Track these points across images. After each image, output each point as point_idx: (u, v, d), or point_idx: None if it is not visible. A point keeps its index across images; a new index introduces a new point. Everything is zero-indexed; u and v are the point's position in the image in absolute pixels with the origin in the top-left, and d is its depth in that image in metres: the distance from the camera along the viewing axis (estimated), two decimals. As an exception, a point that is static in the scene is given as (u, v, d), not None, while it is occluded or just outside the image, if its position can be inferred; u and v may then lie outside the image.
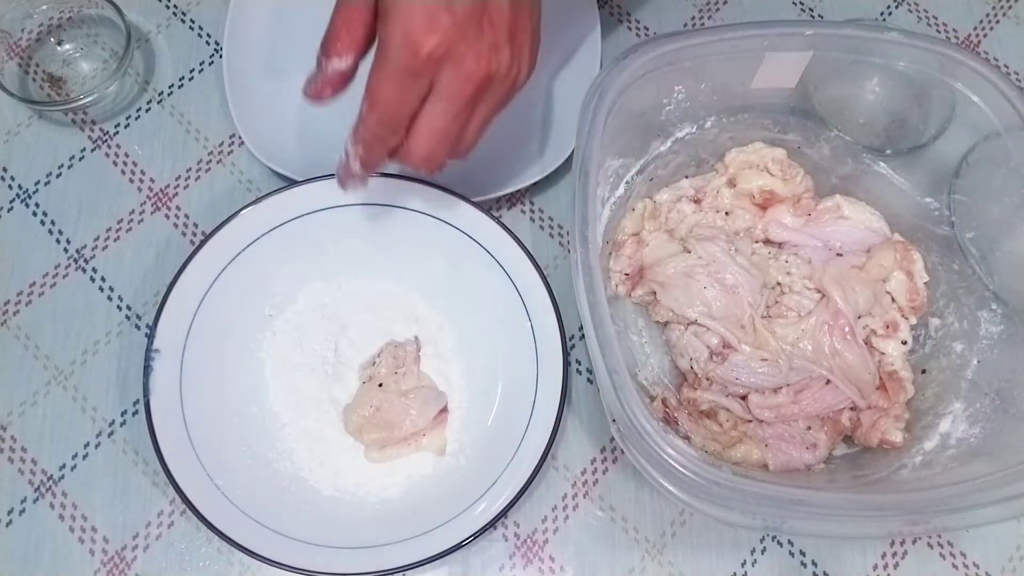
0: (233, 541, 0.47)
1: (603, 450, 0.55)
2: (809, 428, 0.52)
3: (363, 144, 0.46)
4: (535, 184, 0.58)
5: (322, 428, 0.53)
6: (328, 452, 0.52)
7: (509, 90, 0.46)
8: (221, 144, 0.61)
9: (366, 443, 0.52)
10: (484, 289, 0.54)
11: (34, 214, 0.58)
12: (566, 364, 0.50)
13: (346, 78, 0.45)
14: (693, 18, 0.67)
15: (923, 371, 0.54)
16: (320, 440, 0.53)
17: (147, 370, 0.50)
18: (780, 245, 0.56)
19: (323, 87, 0.45)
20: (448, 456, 0.53)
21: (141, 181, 0.60)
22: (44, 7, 0.61)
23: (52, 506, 0.52)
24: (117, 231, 0.58)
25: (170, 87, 0.62)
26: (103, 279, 0.57)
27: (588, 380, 0.56)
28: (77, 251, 0.58)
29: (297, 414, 0.53)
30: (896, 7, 0.68)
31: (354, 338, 0.55)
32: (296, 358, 0.54)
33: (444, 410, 0.53)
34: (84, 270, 0.57)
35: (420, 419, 0.52)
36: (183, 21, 0.64)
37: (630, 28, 0.66)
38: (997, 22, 0.68)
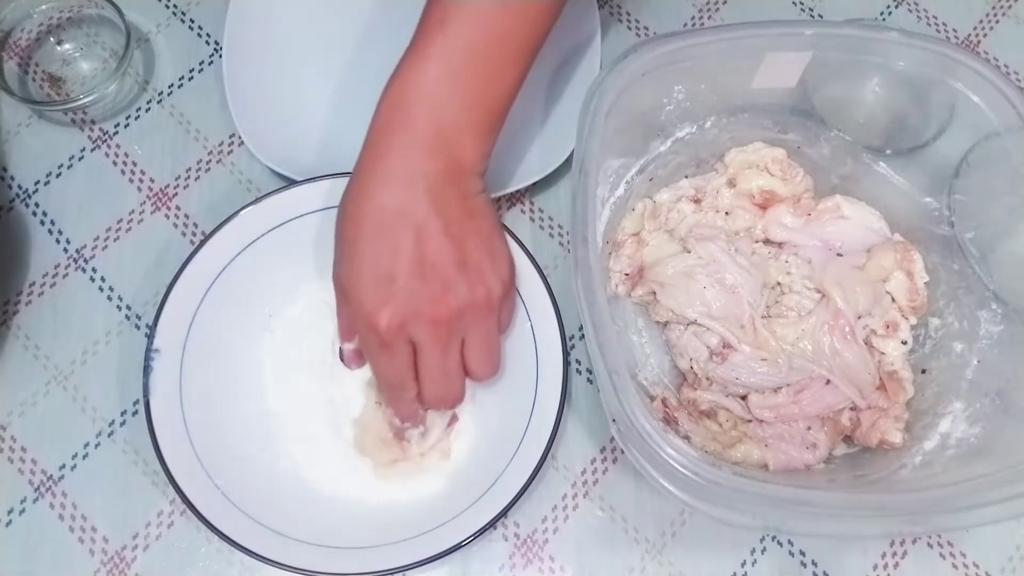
0: (233, 541, 0.47)
1: (603, 450, 0.55)
2: (809, 428, 0.52)
3: (389, 406, 0.51)
4: (535, 184, 0.58)
5: (322, 428, 0.53)
6: (328, 452, 0.52)
7: (488, 307, 0.48)
8: (221, 144, 0.61)
9: (379, 462, 0.52)
10: (484, 289, 0.54)
11: (34, 214, 0.58)
12: (566, 364, 0.50)
13: (361, 353, 0.51)
14: (693, 18, 0.67)
15: (923, 371, 0.54)
16: (320, 440, 0.53)
17: (147, 370, 0.50)
18: (780, 245, 0.56)
19: (351, 360, 0.52)
20: (448, 456, 0.53)
21: (141, 181, 0.60)
22: (44, 7, 0.61)
23: (52, 506, 0.52)
24: (117, 231, 0.58)
25: (170, 87, 0.62)
26: (103, 279, 0.57)
27: (588, 380, 0.56)
28: (77, 251, 0.58)
29: (297, 414, 0.53)
30: (896, 7, 0.68)
31: (354, 338, 0.55)
32: (296, 358, 0.54)
33: (454, 418, 0.53)
34: (84, 270, 0.57)
35: (434, 435, 0.52)
36: (183, 21, 0.64)
37: (630, 28, 0.66)
38: (997, 22, 0.68)
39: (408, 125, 0.46)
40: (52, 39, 0.62)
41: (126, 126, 0.61)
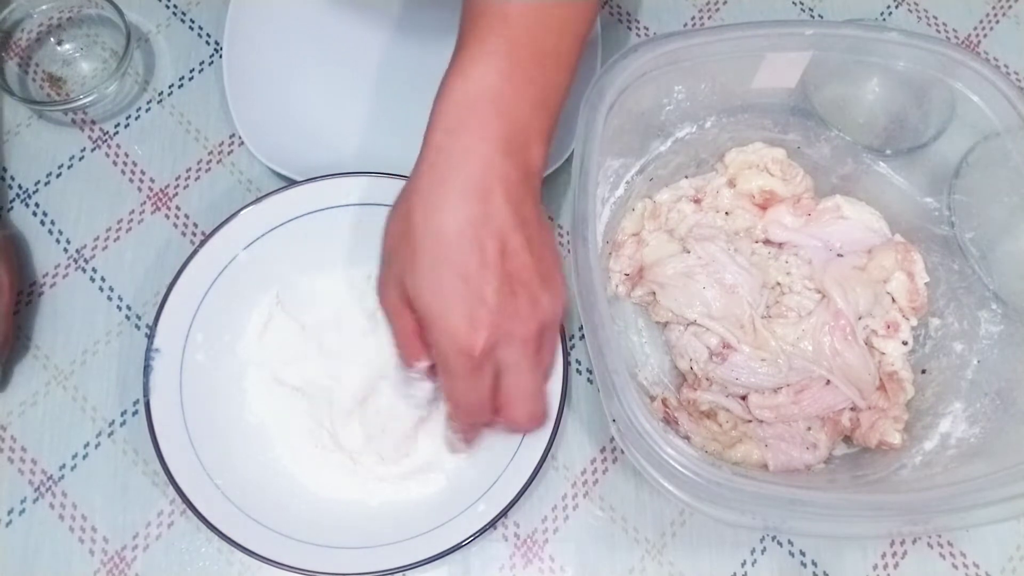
0: (233, 541, 0.47)
1: (603, 450, 0.55)
2: (809, 428, 0.52)
3: (462, 432, 0.49)
4: (535, 184, 0.58)
5: (322, 428, 0.53)
6: (328, 452, 0.52)
7: (559, 318, 0.46)
8: (221, 144, 0.61)
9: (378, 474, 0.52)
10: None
11: (34, 214, 0.58)
12: (566, 364, 0.50)
13: (434, 369, 0.46)
14: (693, 18, 0.67)
15: (923, 371, 0.54)
16: (320, 440, 0.53)
17: (147, 370, 0.50)
18: (780, 245, 0.56)
19: (427, 375, 0.48)
20: (448, 456, 0.52)
21: (141, 181, 0.60)
22: (44, 7, 0.61)
23: (52, 506, 0.52)
24: (117, 231, 0.58)
25: (170, 87, 0.62)
26: (103, 279, 0.57)
27: (588, 380, 0.56)
28: (77, 251, 0.58)
29: (297, 414, 0.53)
30: (896, 7, 0.68)
31: (355, 337, 0.55)
32: (297, 358, 0.54)
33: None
34: (84, 270, 0.57)
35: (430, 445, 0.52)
36: (183, 21, 0.64)
37: (630, 28, 0.66)
38: (997, 22, 0.68)
39: (481, 128, 0.42)
40: (52, 39, 0.62)
41: (126, 126, 0.61)
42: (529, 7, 0.43)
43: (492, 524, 0.48)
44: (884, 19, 0.68)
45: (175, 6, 0.65)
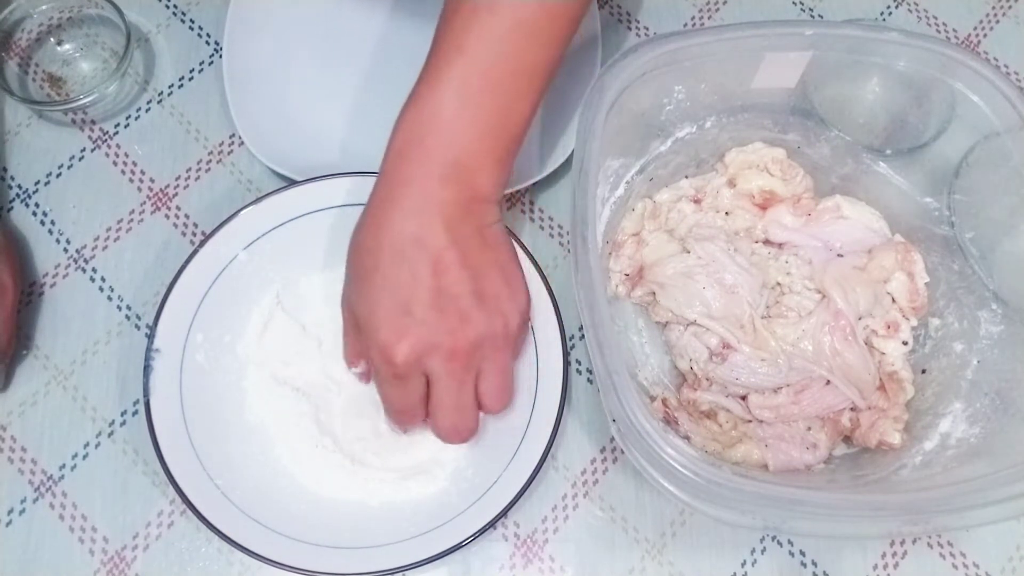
0: (233, 541, 0.47)
1: (603, 450, 0.55)
2: (809, 428, 0.52)
3: (398, 426, 0.51)
4: (535, 184, 0.58)
5: (322, 428, 0.53)
6: (328, 452, 0.52)
7: (505, 339, 0.48)
8: (221, 144, 0.61)
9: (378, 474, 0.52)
10: (484, 289, 0.54)
11: (34, 214, 0.58)
12: (566, 364, 0.50)
13: (368, 374, 0.51)
14: (693, 18, 0.67)
15: (923, 371, 0.54)
16: (320, 440, 0.53)
17: (147, 370, 0.50)
18: (780, 245, 0.56)
19: (362, 377, 0.52)
20: (448, 456, 0.52)
21: (141, 181, 0.60)
22: (44, 7, 0.61)
23: (52, 506, 0.52)
24: (117, 231, 0.58)
25: (170, 87, 0.62)
26: (103, 279, 0.57)
27: (588, 380, 0.56)
28: (77, 251, 0.58)
29: (297, 414, 0.53)
30: (896, 7, 0.68)
31: (354, 338, 0.55)
32: (297, 358, 0.54)
33: None
34: (84, 270, 0.57)
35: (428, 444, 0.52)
36: (183, 21, 0.64)
37: (630, 28, 0.66)
38: (997, 22, 0.68)
39: (424, 155, 0.45)
40: (52, 39, 0.62)
41: (126, 126, 0.61)
42: (484, 41, 0.45)
43: (492, 524, 0.48)
44: (884, 19, 0.68)
45: (175, 6, 0.65)
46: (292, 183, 0.54)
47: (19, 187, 0.59)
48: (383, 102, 0.61)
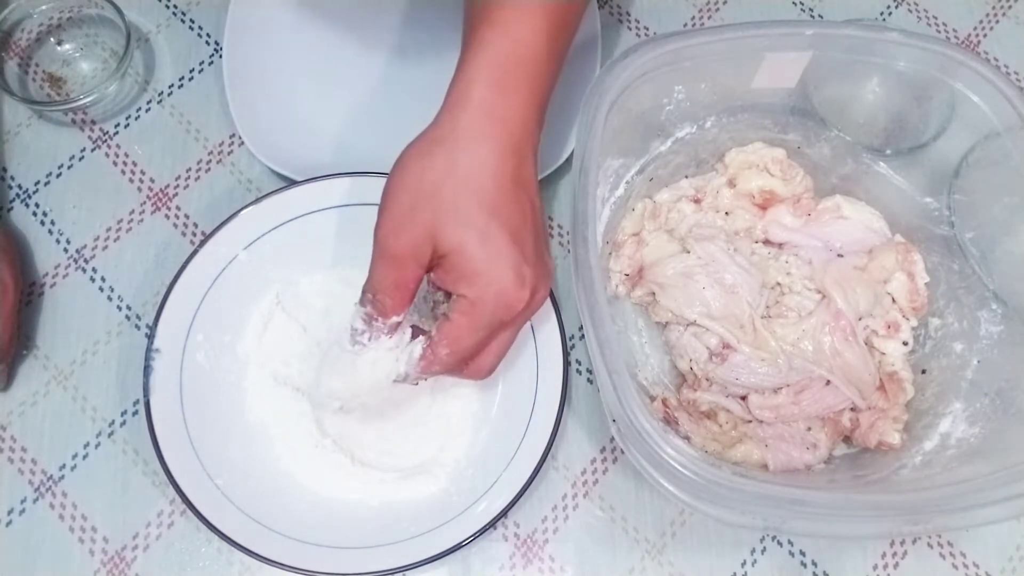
0: (233, 541, 0.47)
1: (603, 450, 0.55)
2: (809, 428, 0.52)
3: (427, 371, 0.45)
4: (535, 184, 0.58)
5: (322, 428, 0.53)
6: (328, 452, 0.52)
7: (538, 306, 0.47)
8: (221, 144, 0.61)
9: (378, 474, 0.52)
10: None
11: (34, 214, 0.58)
12: (566, 364, 0.50)
13: (399, 325, 0.45)
14: (693, 18, 0.67)
15: (923, 371, 0.54)
16: (320, 440, 0.53)
17: (147, 370, 0.50)
18: (780, 245, 0.56)
19: (376, 337, 0.45)
20: (449, 456, 0.53)
21: (141, 181, 0.60)
22: (44, 7, 0.61)
23: (52, 506, 0.52)
24: (117, 231, 0.58)
25: (170, 87, 0.62)
26: (103, 279, 0.57)
27: (588, 380, 0.56)
28: (77, 251, 0.58)
29: (297, 414, 0.53)
30: (896, 7, 0.68)
31: (354, 338, 0.55)
32: (296, 357, 0.54)
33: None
34: (84, 270, 0.57)
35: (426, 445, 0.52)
36: (183, 21, 0.64)
37: (630, 28, 0.66)
38: (997, 22, 0.68)
39: (527, 87, 0.43)
40: (52, 39, 0.62)
41: (126, 126, 0.61)
42: None
43: (492, 524, 0.48)
44: (884, 19, 0.68)
45: (175, 6, 0.65)
46: (292, 183, 0.54)
47: (19, 187, 0.59)
48: (384, 101, 0.62)
